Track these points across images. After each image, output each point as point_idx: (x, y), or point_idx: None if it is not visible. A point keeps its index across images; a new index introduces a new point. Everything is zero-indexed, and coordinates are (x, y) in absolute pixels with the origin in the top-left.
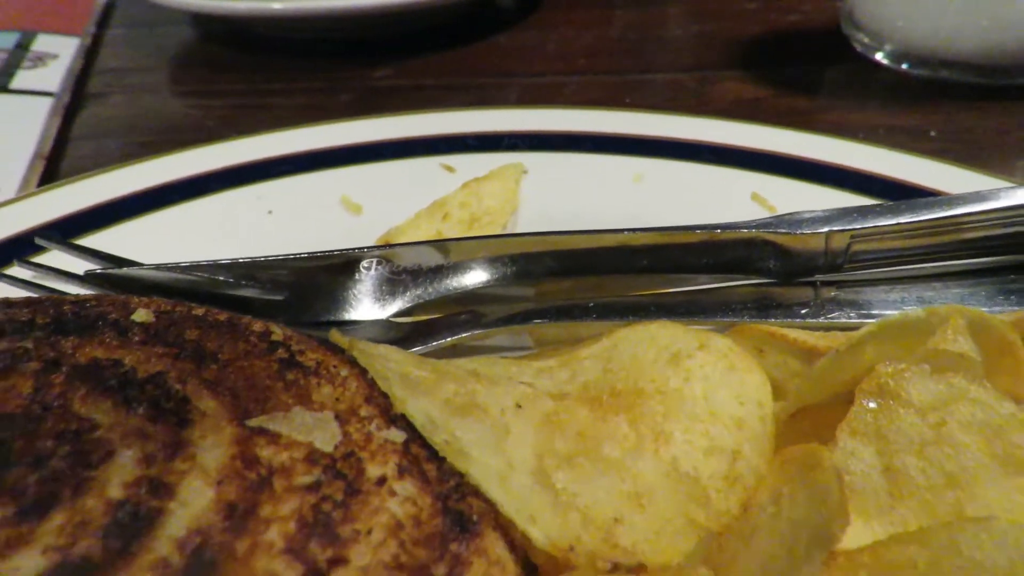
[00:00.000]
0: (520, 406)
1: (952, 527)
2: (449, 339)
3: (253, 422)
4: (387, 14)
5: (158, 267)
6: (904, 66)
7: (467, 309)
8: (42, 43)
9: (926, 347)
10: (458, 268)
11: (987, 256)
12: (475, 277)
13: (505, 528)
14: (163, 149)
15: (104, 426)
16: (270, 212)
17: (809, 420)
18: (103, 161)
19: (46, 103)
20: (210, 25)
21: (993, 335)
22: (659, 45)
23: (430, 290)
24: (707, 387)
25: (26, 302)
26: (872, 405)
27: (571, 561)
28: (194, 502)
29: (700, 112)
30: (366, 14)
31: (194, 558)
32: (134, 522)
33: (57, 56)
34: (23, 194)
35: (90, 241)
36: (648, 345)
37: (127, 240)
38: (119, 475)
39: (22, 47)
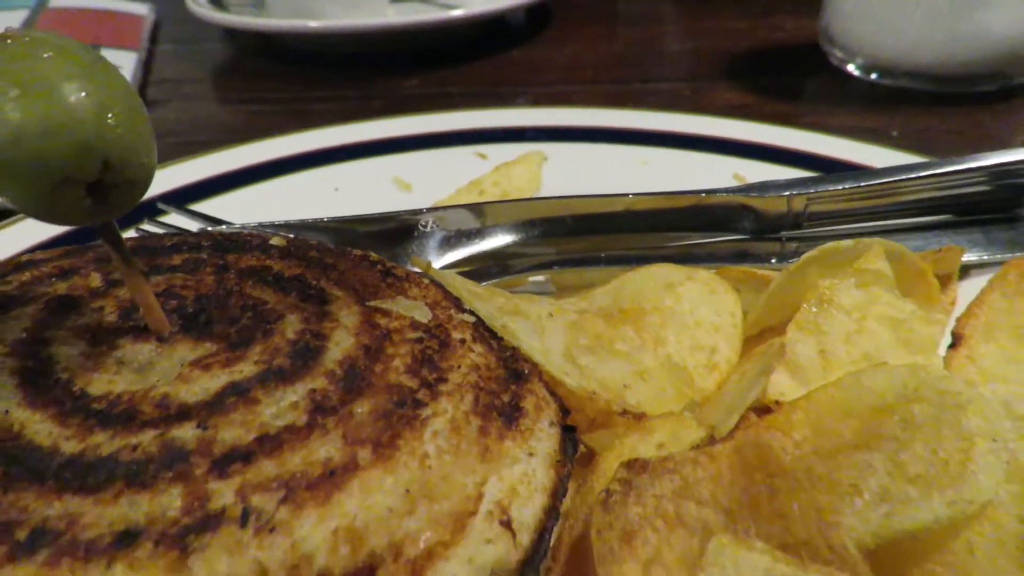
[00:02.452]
0: (552, 315)
1: (859, 372)
2: (485, 284)
3: (371, 303)
4: (413, 32)
5: (257, 226)
6: (873, 76)
7: (501, 263)
8: (105, 56)
9: (853, 267)
10: (494, 229)
11: (917, 217)
12: (507, 237)
13: (547, 383)
14: (222, 147)
15: (271, 302)
16: (336, 189)
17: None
18: (171, 157)
19: None
20: (247, 41)
21: (906, 262)
22: (658, 58)
23: (471, 248)
24: (693, 305)
25: (190, 233)
26: (813, 309)
27: (593, 402)
28: (343, 343)
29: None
30: (394, 32)
31: (350, 371)
32: (307, 352)
33: (120, 68)
34: None
35: (197, 207)
36: (648, 279)
37: (226, 207)
38: (291, 328)
39: None
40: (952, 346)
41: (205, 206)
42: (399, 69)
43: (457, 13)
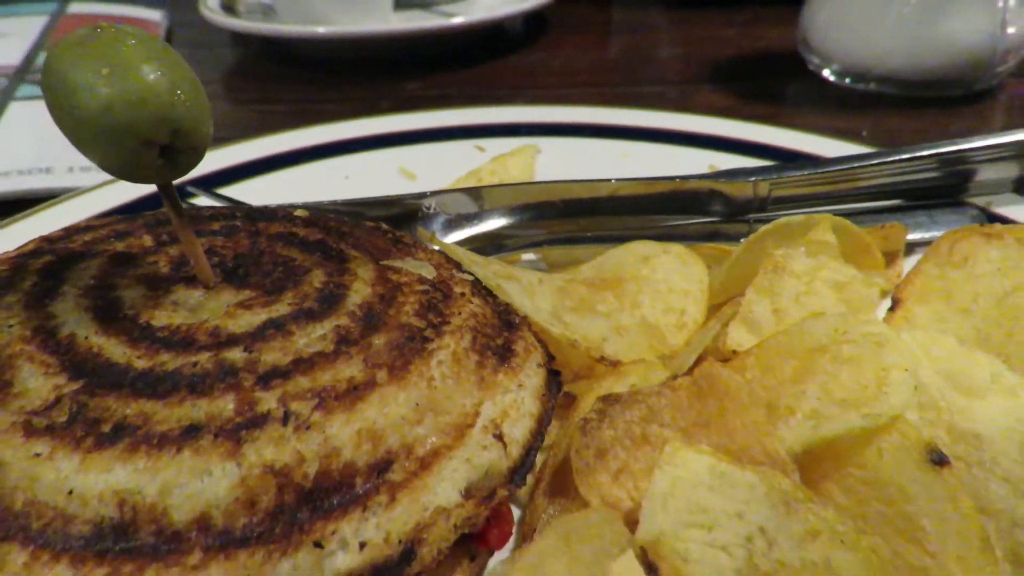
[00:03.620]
0: (541, 281)
1: (800, 322)
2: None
3: (384, 262)
4: (416, 38)
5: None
6: (846, 81)
7: (496, 243)
8: None
9: (804, 239)
10: (491, 212)
11: (871, 201)
12: (503, 219)
13: (535, 334)
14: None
15: (299, 260)
16: (346, 177)
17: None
18: None
19: None
20: (258, 46)
21: (852, 235)
22: (648, 64)
23: (469, 229)
24: (666, 274)
25: (221, 207)
26: (769, 274)
27: (575, 351)
28: (361, 292)
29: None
30: (398, 37)
31: (368, 312)
32: (332, 298)
33: None
34: None
35: (223, 191)
36: (628, 254)
37: (245, 193)
38: (317, 279)
39: None
40: (891, 309)
41: (227, 192)
42: (403, 73)
43: (458, 20)
